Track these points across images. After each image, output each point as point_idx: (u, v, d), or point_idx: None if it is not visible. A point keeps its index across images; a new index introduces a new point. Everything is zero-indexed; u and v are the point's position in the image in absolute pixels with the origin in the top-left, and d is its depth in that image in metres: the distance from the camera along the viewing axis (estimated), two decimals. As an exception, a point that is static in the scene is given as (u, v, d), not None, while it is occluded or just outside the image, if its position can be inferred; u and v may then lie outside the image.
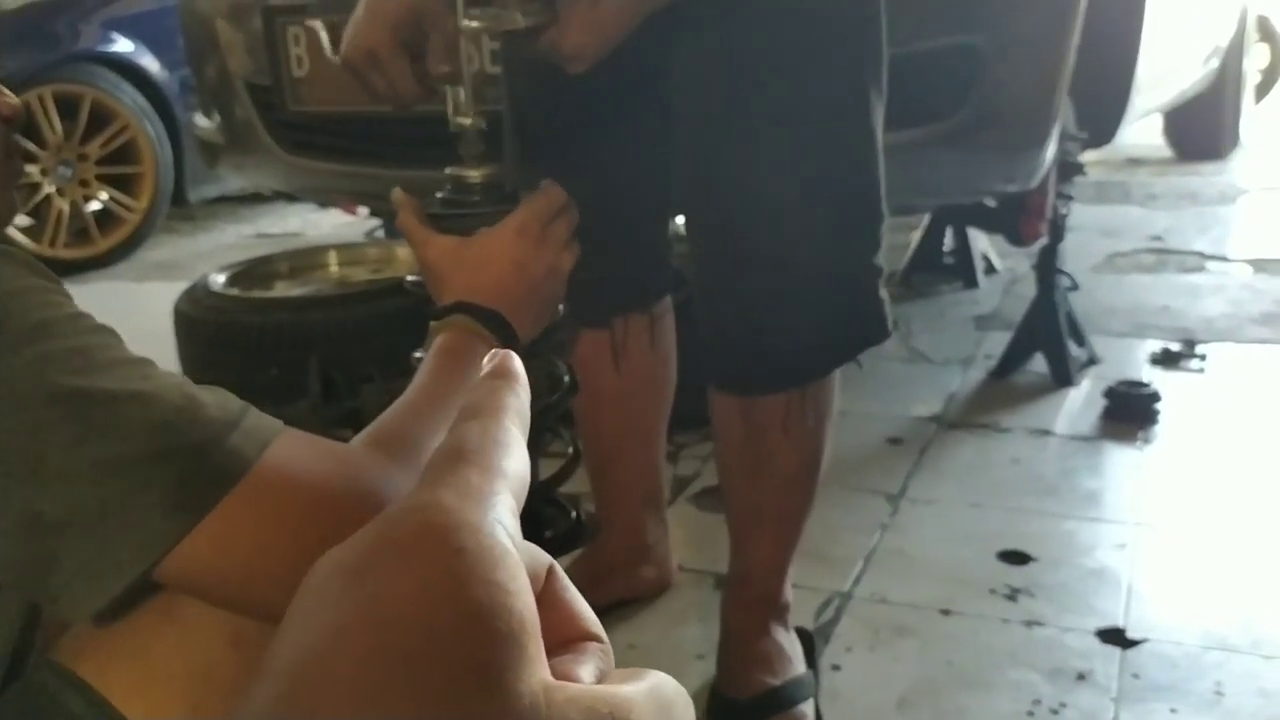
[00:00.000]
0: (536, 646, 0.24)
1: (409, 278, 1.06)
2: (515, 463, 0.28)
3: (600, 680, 0.27)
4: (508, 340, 0.86)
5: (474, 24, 0.99)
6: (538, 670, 0.23)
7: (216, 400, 0.66)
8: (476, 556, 0.23)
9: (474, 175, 1.01)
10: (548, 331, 0.98)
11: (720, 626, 1.41)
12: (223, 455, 0.63)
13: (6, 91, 0.78)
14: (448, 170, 1.01)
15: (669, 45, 1.12)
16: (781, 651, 1.37)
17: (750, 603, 1.38)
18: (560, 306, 0.99)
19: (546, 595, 0.28)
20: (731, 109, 1.17)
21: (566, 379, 1.07)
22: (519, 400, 0.30)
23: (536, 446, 1.07)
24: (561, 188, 0.97)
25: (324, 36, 1.17)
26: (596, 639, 0.28)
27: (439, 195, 1.02)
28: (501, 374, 0.31)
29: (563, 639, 0.27)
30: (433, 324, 0.87)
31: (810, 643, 1.44)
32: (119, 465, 0.61)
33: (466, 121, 1.00)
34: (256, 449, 0.64)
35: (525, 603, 0.24)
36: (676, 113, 1.22)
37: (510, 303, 0.88)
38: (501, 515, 0.25)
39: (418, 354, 1.02)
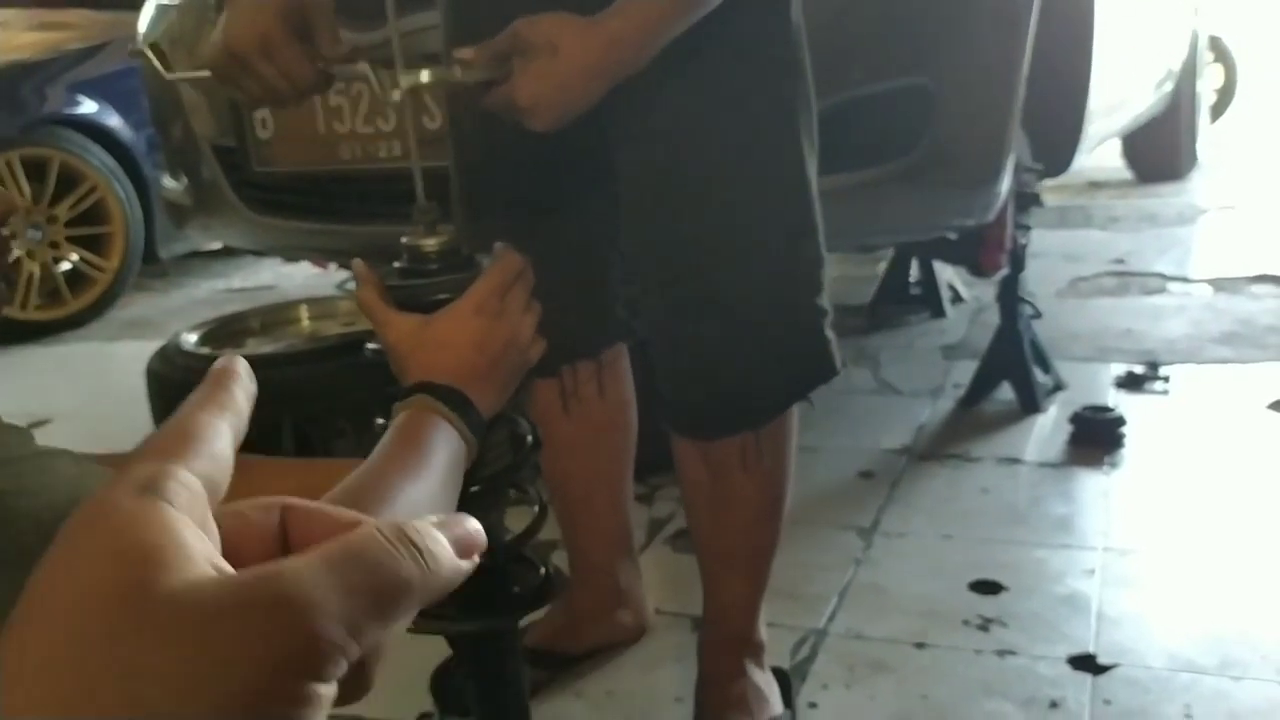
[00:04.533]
0: (186, 559, 0.29)
1: (369, 345, 1.07)
2: (198, 444, 0.33)
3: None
4: (469, 415, 0.88)
5: (423, 79, 1.02)
6: (180, 573, 0.28)
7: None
8: (110, 520, 0.29)
9: (429, 243, 1.02)
10: None
11: (697, 669, 1.42)
12: None
13: None
14: (403, 239, 1.03)
15: (610, 98, 1.15)
16: (758, 692, 1.39)
17: (725, 644, 1.40)
18: None
19: (291, 521, 0.35)
20: (668, 162, 1.21)
21: (530, 438, 1.09)
22: (224, 393, 0.36)
23: (499, 503, 1.09)
24: (515, 252, 0.99)
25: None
26: (351, 523, 0.33)
27: (395, 265, 1.03)
28: (211, 378, 0.37)
29: (323, 537, 0.32)
30: (395, 404, 0.89)
31: (787, 681, 1.45)
32: (12, 559, 0.62)
33: (396, 95, 0.99)
34: None
35: (165, 536, 0.29)
36: (618, 165, 1.26)
37: (472, 380, 0.90)
38: (161, 486, 0.31)
39: (381, 421, 1.04)
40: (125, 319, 3.94)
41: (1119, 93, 3.09)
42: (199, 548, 0.29)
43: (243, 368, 0.37)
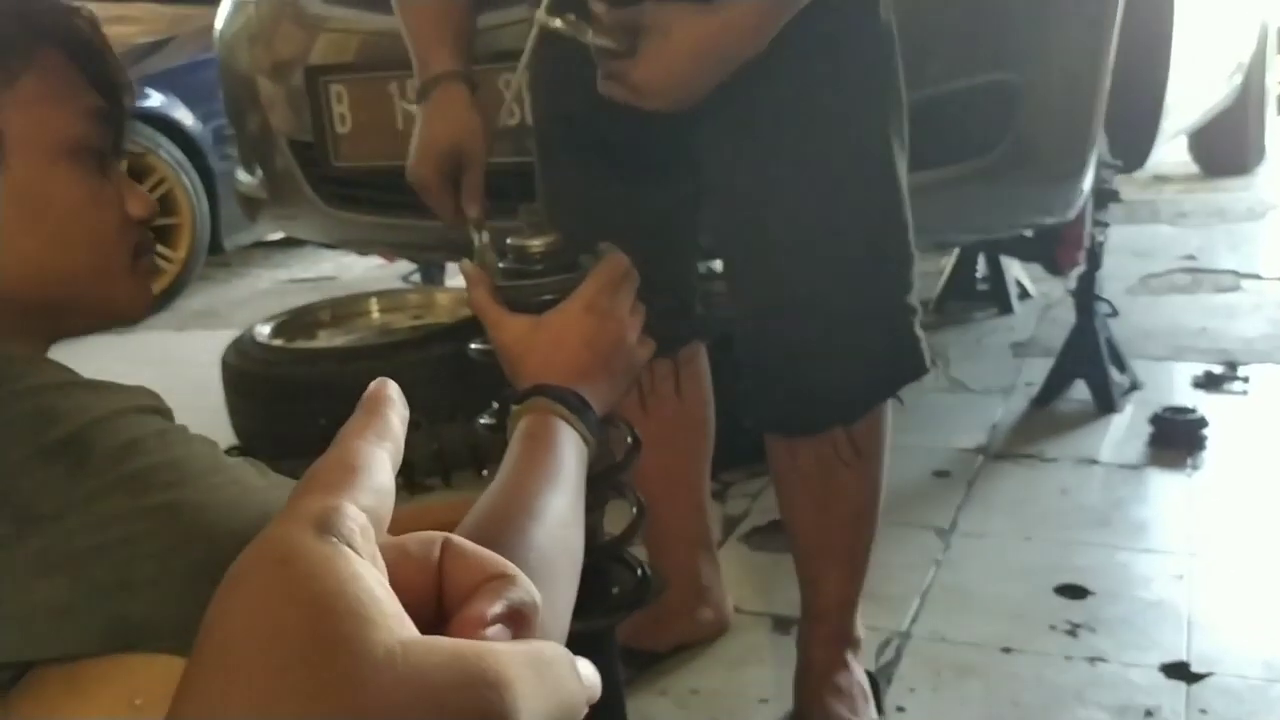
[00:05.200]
0: (383, 614, 0.27)
1: (474, 345, 1.08)
2: (362, 476, 0.32)
3: (511, 605, 0.31)
4: (586, 416, 0.88)
5: (557, 24, 1.05)
6: (389, 631, 0.27)
7: None
8: (298, 565, 0.28)
9: (535, 244, 1.02)
10: None
11: (798, 661, 1.42)
12: None
13: (141, 190, 0.81)
14: (509, 240, 1.03)
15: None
16: (860, 686, 1.40)
17: (828, 638, 1.41)
18: None
19: (446, 560, 0.33)
20: (760, 163, 1.21)
21: (629, 438, 1.09)
22: (380, 421, 0.35)
23: (600, 504, 1.09)
24: (621, 252, 0.99)
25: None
26: (499, 576, 0.32)
27: (501, 266, 1.04)
28: (366, 404, 0.36)
29: (471, 586, 0.32)
30: (514, 408, 0.89)
31: (875, 684, 1.44)
32: (211, 570, 0.63)
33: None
34: None
35: (358, 585, 0.28)
36: (709, 164, 1.26)
37: (585, 379, 0.90)
38: (337, 526, 0.29)
39: (484, 419, 1.04)
40: (192, 309, 4.00)
41: (1192, 87, 3.03)
42: (390, 602, 0.28)
43: (395, 392, 0.36)
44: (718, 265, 1.56)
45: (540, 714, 0.28)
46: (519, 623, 0.31)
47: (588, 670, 0.32)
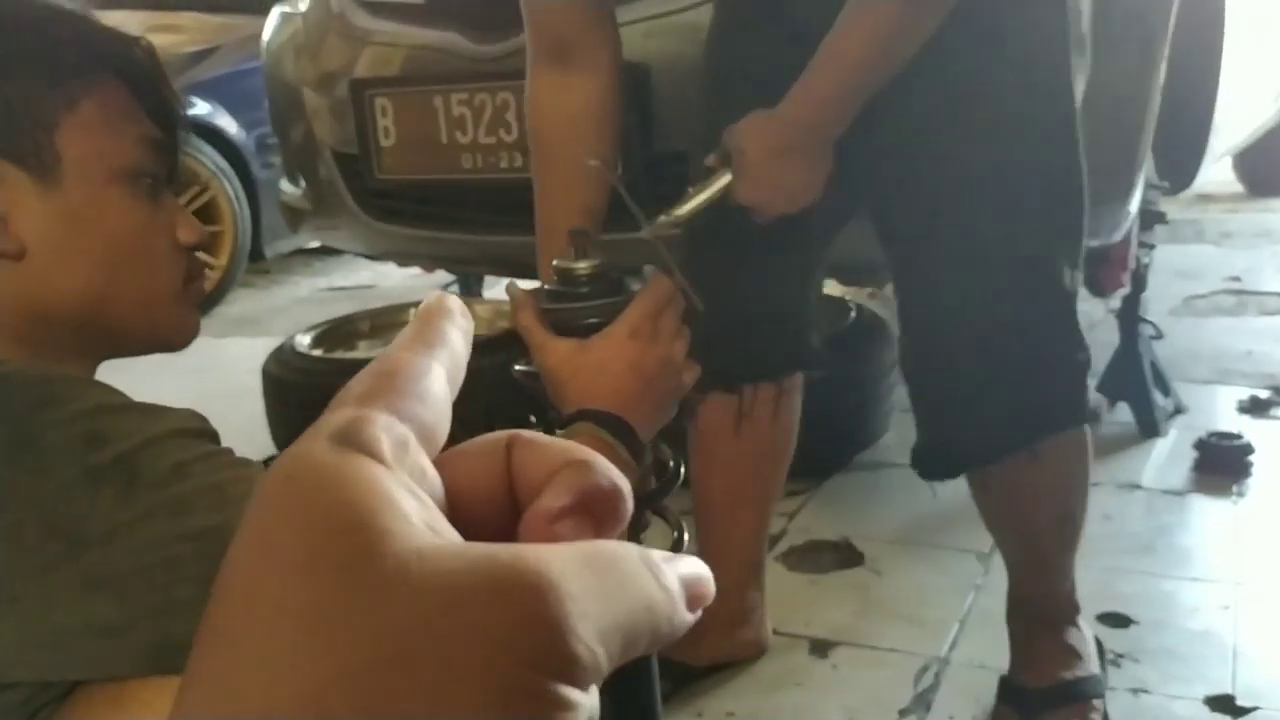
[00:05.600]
0: (401, 523, 0.24)
1: (518, 367, 1.08)
2: (403, 383, 0.28)
3: (585, 494, 0.27)
4: (631, 442, 0.88)
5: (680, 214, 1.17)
6: (406, 540, 0.23)
7: None
8: (303, 480, 0.24)
9: (581, 267, 1.03)
10: None
11: (1010, 624, 1.49)
12: None
13: (192, 218, 0.83)
14: (555, 262, 1.03)
15: (868, 128, 1.20)
16: (1075, 649, 1.44)
17: (1043, 610, 1.47)
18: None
19: (516, 456, 0.28)
20: (937, 210, 1.27)
21: (672, 464, 1.08)
22: (432, 331, 0.30)
23: (638, 529, 1.09)
24: (667, 278, 0.99)
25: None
26: (572, 463, 0.28)
27: (546, 288, 1.04)
28: (420, 317, 0.31)
29: (543, 480, 0.27)
30: (559, 432, 0.89)
31: (1100, 646, 1.50)
32: None
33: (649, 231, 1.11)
34: None
35: (373, 495, 0.24)
36: (882, 209, 1.32)
37: (630, 405, 0.90)
38: (357, 435, 0.25)
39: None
40: (233, 316, 4.04)
41: (1240, 108, 3.00)
42: (413, 507, 0.25)
43: (456, 305, 0.32)
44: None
45: (606, 620, 0.24)
46: (600, 515, 0.27)
47: (670, 573, 0.26)
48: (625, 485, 0.27)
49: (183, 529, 0.64)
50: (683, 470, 1.08)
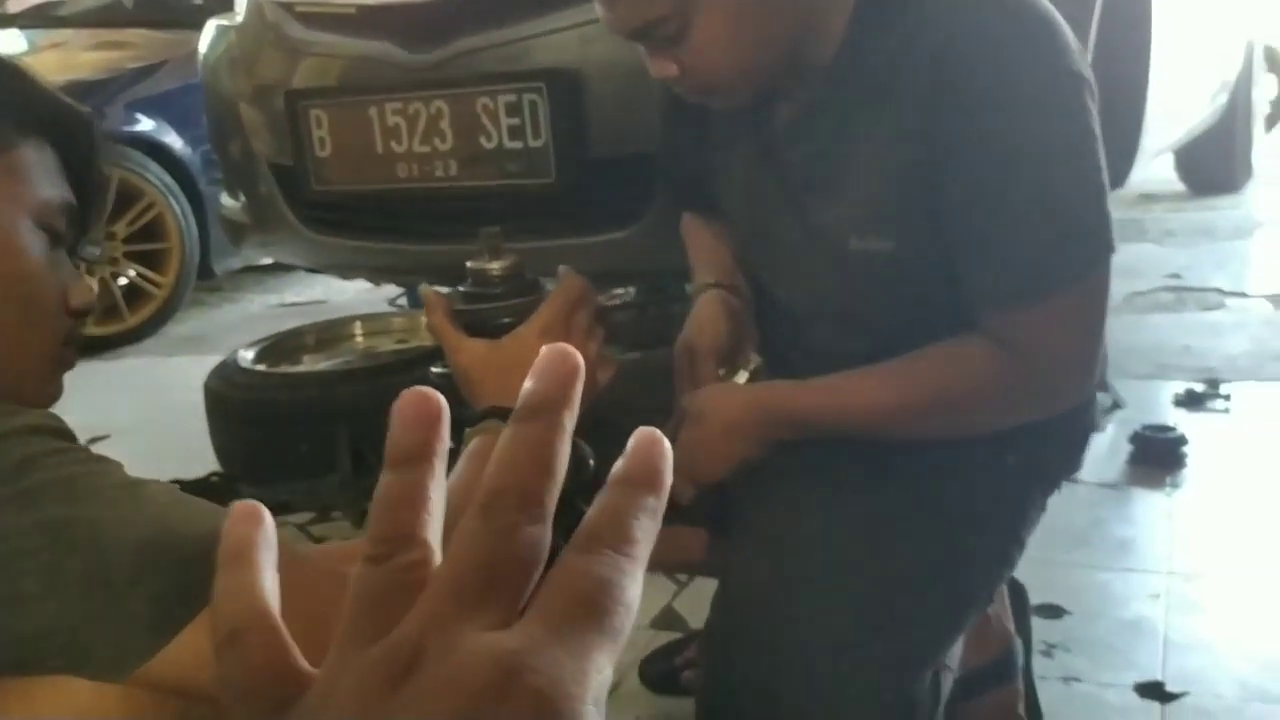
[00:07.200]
0: None
1: (434, 369, 1.08)
2: (626, 614, 0.29)
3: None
4: None
5: None
6: None
7: (208, 513, 0.68)
8: None
9: (494, 268, 1.03)
10: (603, 310, 1.02)
11: None
12: (208, 567, 0.64)
13: (87, 284, 0.83)
14: (468, 264, 1.04)
15: None
16: None
17: None
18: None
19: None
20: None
21: (590, 461, 1.08)
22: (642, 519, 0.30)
23: (558, 526, 1.09)
24: (578, 275, 1.00)
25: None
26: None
27: (461, 290, 1.04)
28: (637, 479, 0.31)
29: None
30: (468, 430, 0.89)
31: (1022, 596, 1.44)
32: (102, 581, 0.63)
33: None
34: None
35: None
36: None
37: None
38: (597, 691, 0.27)
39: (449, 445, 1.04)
40: (181, 334, 4.00)
41: (1175, 106, 3.05)
42: None
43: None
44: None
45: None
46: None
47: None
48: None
49: (29, 520, 0.64)
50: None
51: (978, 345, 1.00)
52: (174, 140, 4.01)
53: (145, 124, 3.97)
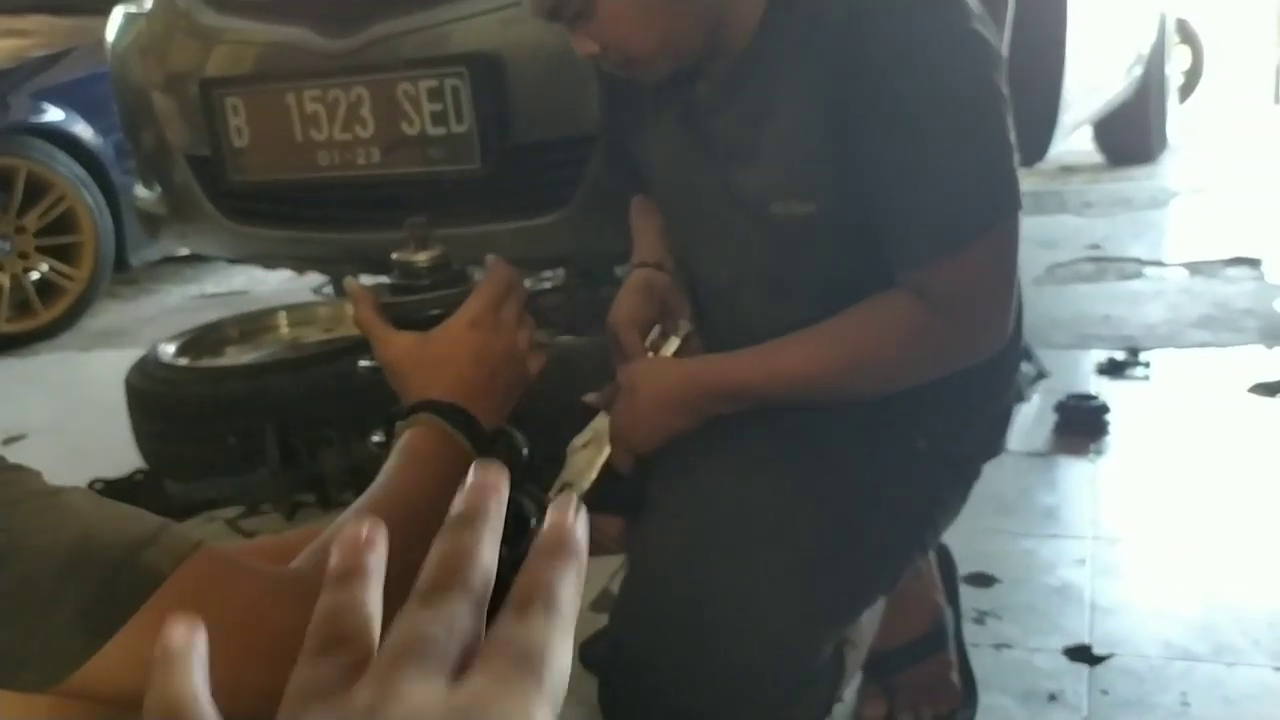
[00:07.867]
0: None
1: (362, 362, 1.06)
2: (561, 676, 0.33)
3: None
4: (473, 431, 0.87)
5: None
6: None
7: (131, 519, 0.66)
8: None
9: (421, 259, 1.02)
10: (534, 295, 1.02)
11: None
12: (135, 572, 0.62)
13: None
14: (394, 256, 1.02)
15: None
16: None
17: None
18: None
19: None
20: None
21: (525, 450, 1.08)
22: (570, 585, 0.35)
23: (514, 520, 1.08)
24: (507, 265, 0.99)
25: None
26: None
27: (388, 282, 1.03)
28: (557, 548, 0.36)
29: None
30: (398, 423, 0.88)
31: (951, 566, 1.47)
32: (28, 588, 0.61)
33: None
34: (171, 565, 0.63)
35: None
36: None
37: (472, 395, 0.90)
38: None
39: (377, 438, 1.03)
40: (98, 328, 3.90)
41: (1091, 80, 3.10)
42: None
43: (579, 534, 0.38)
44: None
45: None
46: None
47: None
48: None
49: None
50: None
51: (899, 300, 1.03)
52: (84, 130, 3.90)
53: (53, 114, 3.85)
